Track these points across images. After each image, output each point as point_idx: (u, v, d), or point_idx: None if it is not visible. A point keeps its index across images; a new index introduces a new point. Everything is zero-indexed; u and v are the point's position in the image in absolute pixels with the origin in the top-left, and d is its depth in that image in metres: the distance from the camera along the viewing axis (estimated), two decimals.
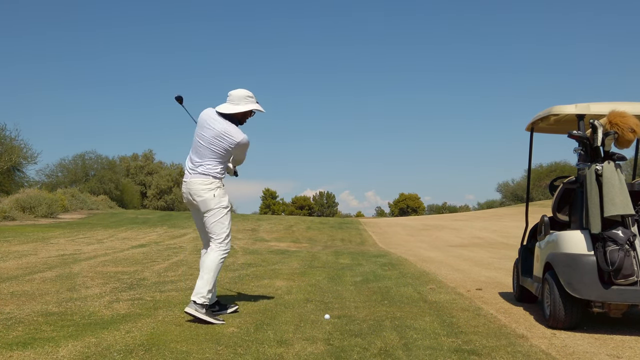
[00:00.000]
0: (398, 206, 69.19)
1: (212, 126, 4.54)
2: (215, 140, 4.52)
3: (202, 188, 4.50)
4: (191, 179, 4.55)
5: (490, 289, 6.67)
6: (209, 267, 4.48)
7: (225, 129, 4.52)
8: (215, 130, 4.53)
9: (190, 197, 4.58)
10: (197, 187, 4.51)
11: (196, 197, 4.52)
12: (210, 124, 4.55)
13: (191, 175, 4.56)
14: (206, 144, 4.53)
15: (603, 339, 4.17)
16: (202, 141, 4.55)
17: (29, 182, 31.36)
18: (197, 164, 4.55)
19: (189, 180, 4.57)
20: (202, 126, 4.58)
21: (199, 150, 4.56)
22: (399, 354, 3.54)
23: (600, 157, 4.61)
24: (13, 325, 4.09)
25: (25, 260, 8.54)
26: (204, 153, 4.54)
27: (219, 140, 4.51)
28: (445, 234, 19.68)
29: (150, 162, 53.02)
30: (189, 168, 4.61)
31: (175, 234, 16.00)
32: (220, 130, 4.52)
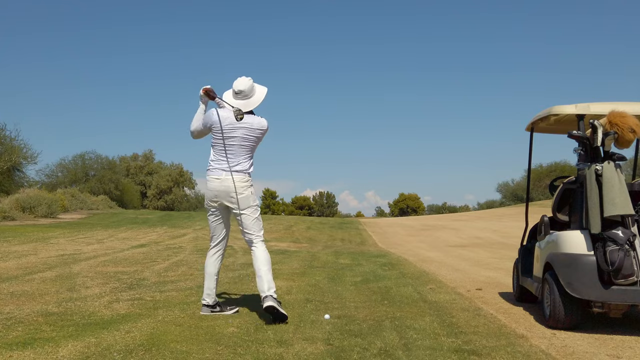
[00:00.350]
0: (398, 206, 69.17)
1: (241, 125, 4.54)
2: (248, 136, 4.54)
3: (241, 185, 4.51)
4: (227, 177, 4.51)
5: (490, 289, 6.67)
6: (267, 261, 4.51)
7: (253, 123, 4.56)
8: (245, 127, 4.54)
9: (226, 195, 4.52)
10: (236, 185, 4.50)
11: (236, 194, 4.50)
12: (241, 127, 4.55)
13: (226, 172, 4.51)
14: (238, 143, 4.54)
15: (603, 339, 4.17)
16: (234, 141, 4.54)
17: (29, 182, 31.38)
18: (233, 163, 4.53)
19: (223, 177, 4.51)
20: (229, 128, 4.53)
21: (232, 150, 4.54)
22: (399, 354, 3.54)
23: (600, 157, 4.61)
24: (13, 325, 4.09)
25: (25, 260, 8.54)
26: (238, 152, 4.54)
27: (251, 134, 4.55)
28: (445, 234, 19.68)
29: (150, 162, 53.05)
30: (222, 168, 4.54)
31: (175, 234, 16.00)
32: (250, 126, 4.54)
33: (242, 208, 4.53)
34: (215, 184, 4.54)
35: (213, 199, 4.58)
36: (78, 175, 40.50)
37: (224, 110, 4.60)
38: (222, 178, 4.51)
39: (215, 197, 4.56)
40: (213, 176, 4.55)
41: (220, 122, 4.54)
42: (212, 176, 4.55)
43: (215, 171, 4.55)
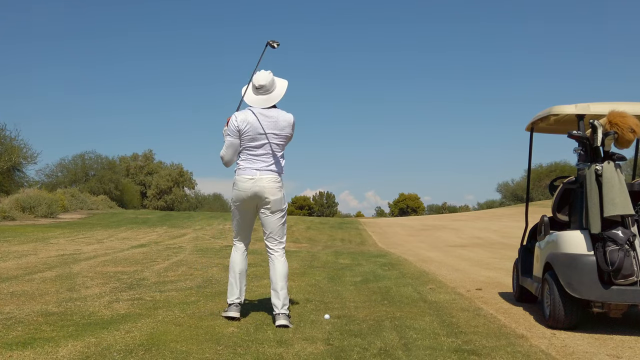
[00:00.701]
0: (398, 206, 69.20)
1: (272, 125, 4.32)
2: (276, 133, 4.33)
3: (275, 186, 4.30)
4: (262, 176, 4.27)
5: (490, 289, 6.67)
6: (286, 275, 4.37)
7: (278, 119, 4.33)
8: (272, 124, 4.31)
9: (258, 196, 4.30)
10: (271, 185, 4.28)
11: (270, 195, 4.29)
12: (268, 123, 4.31)
13: (260, 172, 4.28)
14: (268, 141, 4.31)
15: (603, 339, 4.17)
16: (263, 141, 4.31)
17: (28, 182, 31.41)
18: (266, 163, 4.31)
19: (257, 177, 4.27)
20: (259, 129, 4.29)
21: (264, 149, 4.31)
22: (399, 354, 3.54)
23: (600, 157, 4.61)
24: (13, 325, 4.09)
25: (25, 260, 8.54)
26: (272, 152, 4.33)
27: (280, 132, 4.34)
28: (445, 234, 19.69)
29: (150, 162, 53.04)
30: (255, 167, 4.30)
31: (175, 234, 16.00)
32: (276, 123, 4.32)
33: (273, 211, 4.35)
34: (248, 184, 4.29)
35: (243, 200, 4.35)
36: (78, 175, 40.52)
37: (243, 113, 4.34)
38: (256, 178, 4.27)
39: (247, 197, 4.32)
40: (245, 176, 4.30)
41: (244, 128, 4.29)
42: (245, 176, 4.30)
43: (248, 170, 4.30)
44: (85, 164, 41.42)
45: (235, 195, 4.36)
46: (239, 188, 4.32)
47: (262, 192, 4.27)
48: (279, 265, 4.37)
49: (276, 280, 4.33)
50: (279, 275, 4.34)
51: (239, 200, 4.36)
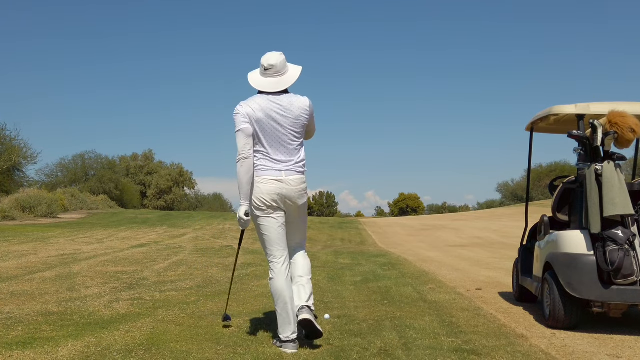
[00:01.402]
0: (398, 206, 69.21)
1: (285, 112, 3.68)
2: (296, 122, 3.70)
3: (302, 189, 3.76)
4: (288, 178, 3.68)
5: (490, 289, 6.67)
6: (310, 270, 3.94)
7: (292, 105, 3.70)
8: (291, 112, 3.69)
9: (285, 200, 3.70)
10: (298, 188, 3.72)
11: (298, 199, 3.74)
12: (281, 110, 3.68)
13: (284, 173, 3.67)
14: (289, 133, 3.68)
15: (603, 339, 4.17)
16: (280, 134, 3.67)
17: (28, 182, 31.44)
18: (290, 161, 3.71)
19: (284, 178, 3.66)
20: (273, 118, 3.65)
21: (283, 145, 3.68)
22: (399, 353, 3.54)
23: (600, 157, 4.61)
24: (13, 325, 4.09)
25: (25, 260, 8.54)
26: (290, 146, 3.70)
27: (298, 120, 3.70)
28: (445, 234, 19.69)
29: (150, 162, 53.04)
30: (278, 168, 3.68)
31: (175, 234, 16.00)
32: (291, 110, 3.69)
33: (301, 215, 3.85)
34: (273, 186, 3.65)
35: (268, 204, 3.67)
36: (78, 175, 40.52)
37: (250, 100, 3.71)
38: (283, 179, 3.67)
39: (272, 202, 3.67)
40: (269, 177, 3.66)
41: (254, 116, 3.64)
42: (268, 177, 3.66)
43: (271, 171, 3.67)
44: (85, 164, 41.43)
45: (258, 201, 3.67)
46: (261, 192, 3.65)
47: (289, 196, 3.69)
48: (301, 260, 3.90)
49: (301, 274, 3.83)
50: (303, 269, 3.86)
51: (262, 204, 3.67)
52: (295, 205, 3.75)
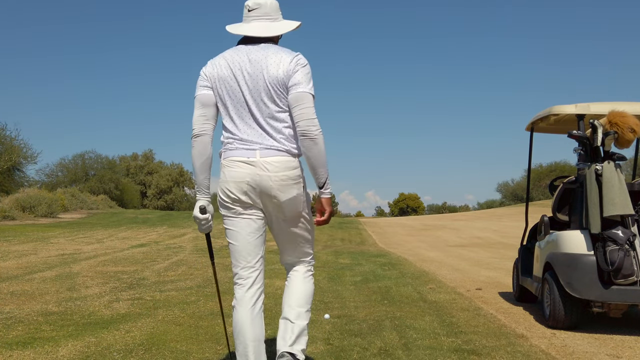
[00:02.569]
0: (398, 206, 69.19)
1: (256, 67, 2.57)
2: (272, 83, 2.55)
3: (289, 176, 2.57)
4: (264, 159, 2.54)
5: (490, 289, 6.67)
6: (305, 297, 2.73)
7: (270, 59, 2.57)
8: (265, 66, 2.56)
9: (261, 192, 2.57)
10: (279, 175, 2.55)
11: (280, 192, 2.57)
12: (252, 64, 2.58)
13: (258, 152, 2.55)
14: (264, 97, 2.56)
15: (603, 339, 4.17)
16: (254, 97, 2.57)
17: (29, 181, 31.44)
18: (266, 136, 2.57)
19: (258, 161, 2.54)
20: (241, 76, 2.58)
21: (256, 113, 2.57)
22: (399, 353, 3.54)
23: (600, 157, 4.61)
24: (13, 325, 4.09)
25: (25, 259, 8.54)
26: (266, 115, 2.56)
27: (275, 80, 2.55)
28: (445, 234, 19.68)
29: (150, 161, 53.05)
30: (249, 145, 2.57)
31: (175, 234, 16.00)
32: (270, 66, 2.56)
33: (291, 218, 2.66)
34: (241, 171, 2.56)
35: (234, 197, 2.59)
36: (78, 175, 40.54)
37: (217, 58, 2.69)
38: (257, 161, 2.54)
39: (241, 194, 2.57)
40: (236, 158, 2.57)
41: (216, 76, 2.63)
42: (234, 158, 2.58)
43: (239, 151, 2.58)
44: (85, 164, 41.45)
45: (222, 194, 2.63)
46: (225, 180, 2.59)
47: (265, 187, 2.56)
48: (296, 283, 2.76)
49: (290, 302, 2.70)
50: (295, 295, 2.71)
51: (226, 198, 2.60)
52: (277, 201, 2.58)
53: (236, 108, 2.59)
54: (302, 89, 2.54)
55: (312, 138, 2.51)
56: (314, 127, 2.51)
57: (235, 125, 2.59)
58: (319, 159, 2.55)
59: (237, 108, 2.59)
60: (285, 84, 2.55)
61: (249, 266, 2.63)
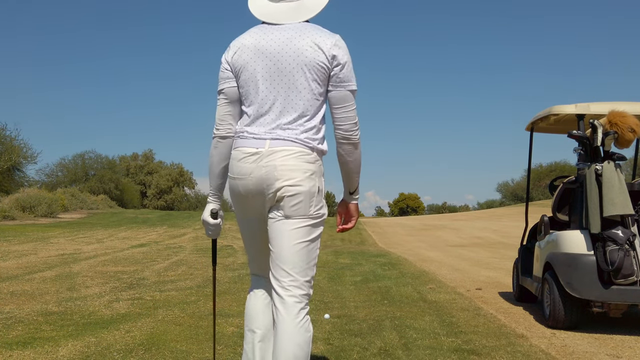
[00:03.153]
0: (398, 206, 69.23)
1: (284, 46, 2.19)
2: (306, 64, 2.16)
3: (296, 166, 2.14)
4: (273, 149, 2.15)
5: (490, 289, 6.67)
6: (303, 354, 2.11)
7: (304, 39, 2.18)
8: (294, 50, 2.17)
9: (266, 185, 2.16)
10: (288, 165, 2.14)
11: (285, 182, 2.13)
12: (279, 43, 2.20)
13: (268, 142, 2.16)
14: (287, 82, 2.17)
15: (603, 339, 4.17)
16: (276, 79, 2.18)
17: (29, 181, 31.47)
18: (285, 124, 2.17)
19: (266, 150, 2.16)
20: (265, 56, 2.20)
21: (279, 98, 2.18)
22: (399, 353, 3.54)
23: (600, 157, 4.61)
24: (13, 325, 4.09)
25: (25, 259, 8.54)
26: (289, 99, 2.17)
27: (309, 60, 2.15)
28: (445, 234, 19.68)
29: (150, 161, 53.08)
30: (257, 135, 2.19)
31: (175, 234, 16.00)
32: (302, 47, 2.16)
33: (295, 215, 2.15)
34: (248, 164, 2.19)
35: (242, 196, 2.25)
36: (78, 175, 40.55)
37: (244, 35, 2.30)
38: (263, 152, 2.16)
39: (248, 190, 2.21)
40: (243, 148, 2.21)
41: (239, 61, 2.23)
42: (242, 149, 2.21)
43: (248, 140, 2.21)
44: (85, 164, 41.47)
45: (230, 189, 2.32)
46: (233, 173, 2.25)
47: (271, 178, 2.14)
48: (286, 332, 2.11)
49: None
50: (285, 353, 2.09)
51: (235, 197, 2.30)
52: (282, 194, 2.14)
53: (254, 93, 2.21)
54: (348, 87, 2.20)
55: (354, 143, 2.24)
56: (356, 131, 2.24)
57: (252, 113, 2.23)
58: (357, 165, 2.32)
59: (255, 93, 2.21)
60: (325, 71, 2.17)
61: (262, 267, 2.39)
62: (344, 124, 2.21)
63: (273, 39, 2.21)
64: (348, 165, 2.30)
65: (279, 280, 2.18)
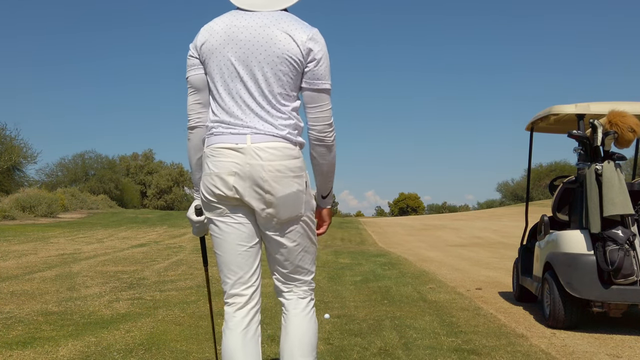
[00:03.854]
0: (398, 206, 69.22)
1: (257, 35, 2.06)
2: (275, 57, 2.04)
3: (286, 166, 2.04)
4: (255, 145, 2.03)
5: (489, 289, 6.67)
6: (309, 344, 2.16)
7: (274, 30, 2.05)
8: (268, 37, 2.05)
9: (252, 186, 2.03)
10: (273, 164, 2.02)
11: (275, 185, 2.03)
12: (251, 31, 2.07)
13: (249, 137, 2.04)
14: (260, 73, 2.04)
15: (603, 339, 4.18)
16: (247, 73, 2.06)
17: (29, 181, 31.46)
18: (259, 120, 2.05)
19: (248, 147, 2.03)
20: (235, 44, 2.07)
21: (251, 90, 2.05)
22: (399, 353, 3.54)
23: (600, 156, 4.61)
24: (13, 325, 4.09)
25: (25, 259, 8.55)
26: (263, 94, 2.05)
27: (279, 53, 2.03)
28: (445, 234, 19.68)
29: (150, 161, 53.06)
30: (239, 129, 2.05)
31: (175, 234, 15.99)
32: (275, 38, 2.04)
33: (286, 219, 2.09)
34: (226, 160, 2.05)
35: (220, 193, 2.07)
36: (78, 175, 40.54)
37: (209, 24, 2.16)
38: (246, 147, 2.03)
39: (227, 189, 2.05)
40: (221, 144, 2.07)
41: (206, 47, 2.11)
42: (220, 144, 2.07)
43: (225, 135, 2.07)
44: (85, 164, 41.45)
45: (204, 190, 2.12)
46: (209, 172, 2.09)
47: (256, 179, 2.02)
48: (295, 321, 2.17)
49: (293, 353, 2.14)
50: (297, 343, 2.14)
51: (212, 200, 2.11)
52: (271, 198, 2.03)
53: (227, 85, 2.08)
54: (322, 85, 2.09)
55: (327, 145, 2.13)
56: (331, 132, 2.13)
57: (223, 105, 2.09)
58: (331, 168, 2.20)
59: (228, 85, 2.08)
60: (298, 66, 2.05)
61: (241, 282, 2.15)
62: (318, 125, 2.11)
63: (245, 25, 2.08)
64: (321, 168, 2.19)
65: (286, 283, 2.20)
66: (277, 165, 2.02)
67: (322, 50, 2.09)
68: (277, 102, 2.06)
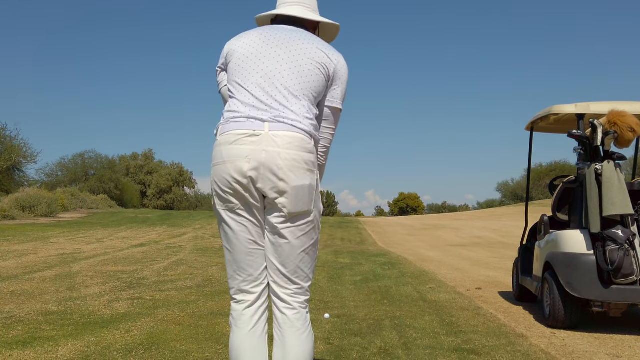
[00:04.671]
0: (398, 205, 69.25)
1: (286, 44, 2.13)
2: (298, 66, 2.09)
3: (300, 156, 2.01)
4: (273, 133, 2.00)
5: (489, 289, 6.67)
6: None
7: (308, 45, 2.13)
8: (295, 48, 2.12)
9: (264, 176, 1.98)
10: (290, 154, 1.99)
11: (288, 173, 1.99)
12: (281, 40, 2.14)
13: (268, 124, 2.01)
14: (282, 72, 2.08)
15: (603, 339, 4.18)
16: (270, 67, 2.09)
17: (28, 181, 31.46)
18: (279, 108, 2.04)
19: (265, 134, 2.00)
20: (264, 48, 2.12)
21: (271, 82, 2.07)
22: (399, 353, 3.54)
23: (600, 156, 4.61)
24: (13, 325, 4.09)
25: (25, 259, 8.54)
26: (287, 88, 2.06)
27: (301, 66, 2.09)
28: (445, 234, 19.68)
29: (150, 161, 53.07)
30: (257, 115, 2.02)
31: (175, 233, 16.00)
32: (302, 51, 2.11)
33: (294, 213, 2.03)
34: (242, 148, 2.00)
35: (234, 182, 2.01)
36: (78, 175, 40.54)
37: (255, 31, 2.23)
38: (264, 134, 2.00)
39: (241, 177, 1.99)
40: (237, 131, 2.02)
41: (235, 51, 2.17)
42: (235, 131, 2.02)
43: (240, 122, 2.03)
44: (85, 164, 41.46)
45: (218, 180, 2.05)
46: (223, 159, 2.03)
47: (272, 167, 1.98)
48: (291, 341, 2.09)
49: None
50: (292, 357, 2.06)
51: (224, 191, 2.04)
52: (284, 187, 1.98)
53: (244, 74, 2.10)
54: (337, 104, 2.20)
55: (319, 164, 2.21)
56: (326, 154, 2.25)
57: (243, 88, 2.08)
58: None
59: (245, 74, 2.09)
60: (326, 78, 2.13)
61: (251, 279, 2.11)
62: (321, 141, 2.21)
63: (280, 35, 2.17)
64: None
65: (284, 288, 2.11)
66: (294, 154, 2.00)
67: (346, 73, 2.23)
68: (301, 100, 2.08)
